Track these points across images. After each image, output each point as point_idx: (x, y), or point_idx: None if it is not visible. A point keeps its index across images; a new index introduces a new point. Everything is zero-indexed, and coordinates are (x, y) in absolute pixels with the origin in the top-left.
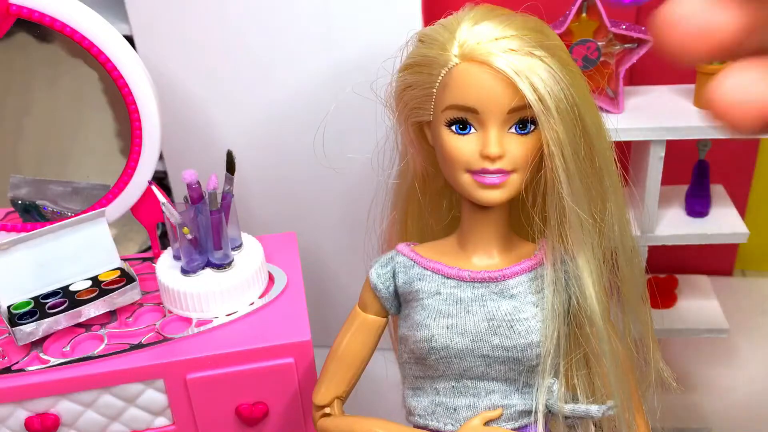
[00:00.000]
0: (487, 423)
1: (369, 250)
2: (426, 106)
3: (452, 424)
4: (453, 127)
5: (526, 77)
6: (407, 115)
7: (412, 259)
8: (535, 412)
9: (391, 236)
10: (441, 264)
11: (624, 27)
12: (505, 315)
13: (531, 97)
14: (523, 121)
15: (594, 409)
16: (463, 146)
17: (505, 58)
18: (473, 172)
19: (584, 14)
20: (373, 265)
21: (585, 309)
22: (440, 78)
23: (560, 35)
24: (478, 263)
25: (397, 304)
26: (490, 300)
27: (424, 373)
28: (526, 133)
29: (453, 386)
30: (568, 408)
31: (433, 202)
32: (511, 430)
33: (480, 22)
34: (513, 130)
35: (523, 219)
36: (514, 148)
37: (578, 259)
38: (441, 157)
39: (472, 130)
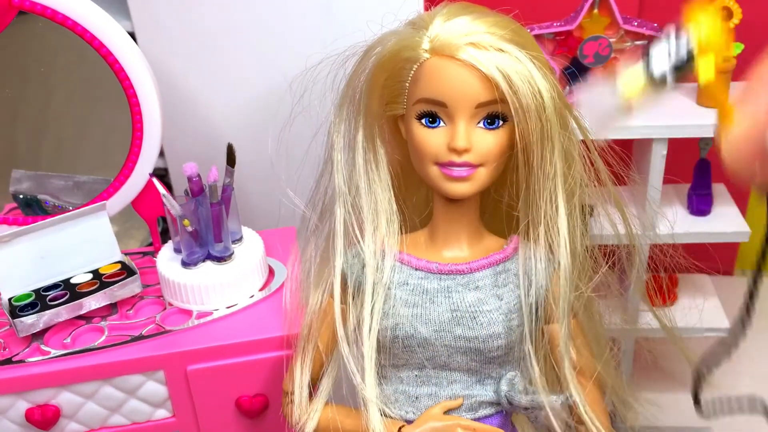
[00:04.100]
0: (447, 412)
1: None
2: (399, 100)
3: (413, 413)
4: (423, 120)
5: (498, 71)
6: (384, 110)
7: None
8: (496, 403)
9: None
10: (410, 256)
11: (636, 24)
12: (469, 306)
13: (504, 88)
14: (492, 117)
15: (552, 399)
16: (431, 139)
17: (475, 52)
18: (441, 165)
19: (596, 10)
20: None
21: (549, 304)
22: (412, 72)
23: (572, 31)
24: (446, 255)
25: None
26: (456, 291)
27: (388, 362)
28: (494, 128)
29: (416, 375)
30: (527, 399)
31: (409, 196)
32: (471, 419)
33: (452, 18)
34: (481, 124)
35: (496, 213)
36: (482, 142)
37: (545, 254)
38: (412, 149)
39: (442, 123)
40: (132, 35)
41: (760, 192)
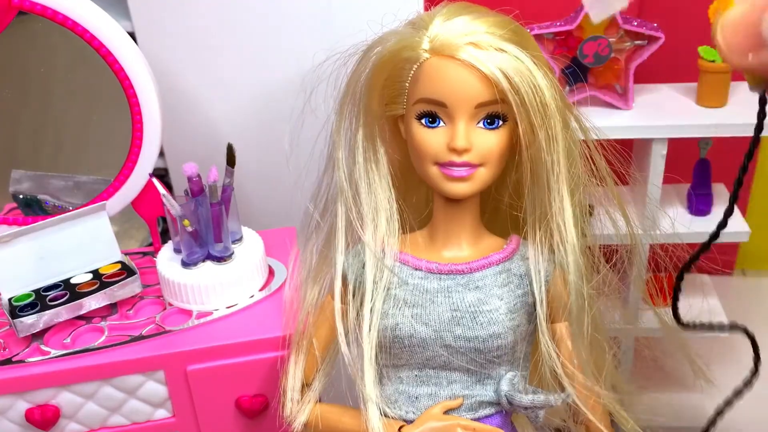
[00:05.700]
0: (446, 412)
1: None
2: (399, 100)
3: (413, 413)
4: (423, 120)
5: (498, 70)
6: (384, 110)
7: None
8: (496, 403)
9: None
10: (410, 256)
11: (635, 23)
12: (469, 306)
13: (505, 87)
14: (492, 116)
15: (553, 398)
16: (431, 139)
17: (475, 52)
18: (441, 165)
19: None
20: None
21: (551, 303)
22: (412, 72)
23: (572, 31)
24: (446, 255)
25: None
26: (456, 291)
27: (389, 362)
28: (494, 128)
29: (416, 375)
30: (528, 399)
31: (409, 196)
32: (471, 419)
33: (452, 18)
34: (481, 124)
35: (496, 213)
36: (482, 142)
37: (547, 253)
38: (411, 149)
39: (441, 123)
40: (132, 35)
41: (752, 79)
